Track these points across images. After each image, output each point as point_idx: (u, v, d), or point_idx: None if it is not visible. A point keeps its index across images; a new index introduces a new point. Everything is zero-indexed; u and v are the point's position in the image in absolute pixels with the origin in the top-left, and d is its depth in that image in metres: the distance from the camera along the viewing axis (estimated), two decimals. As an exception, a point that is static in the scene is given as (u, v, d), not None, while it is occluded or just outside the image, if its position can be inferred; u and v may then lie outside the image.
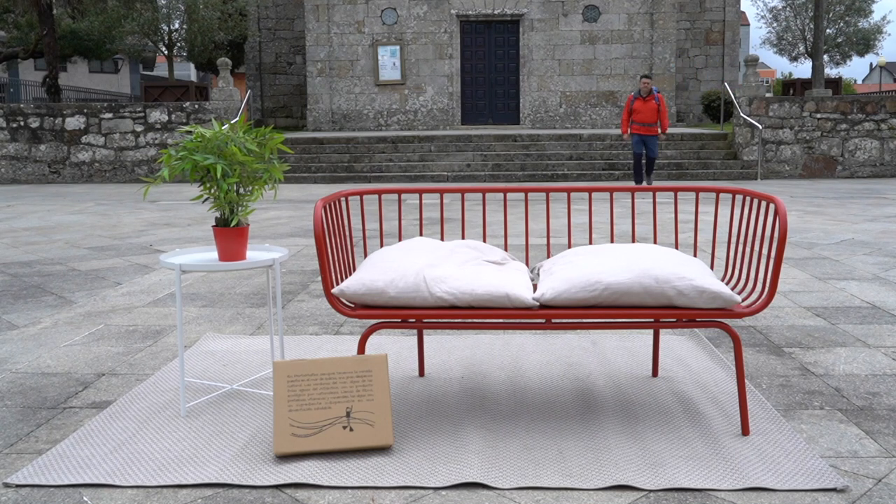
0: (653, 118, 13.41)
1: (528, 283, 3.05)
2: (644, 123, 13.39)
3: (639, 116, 13.42)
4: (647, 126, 13.42)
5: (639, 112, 13.40)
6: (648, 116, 13.37)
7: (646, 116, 13.36)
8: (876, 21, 33.74)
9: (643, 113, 13.37)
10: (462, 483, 2.57)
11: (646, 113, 13.33)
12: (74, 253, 7.54)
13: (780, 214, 2.95)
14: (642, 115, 13.38)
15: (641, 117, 13.40)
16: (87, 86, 38.22)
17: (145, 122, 17.26)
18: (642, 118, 13.40)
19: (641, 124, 13.44)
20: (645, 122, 13.40)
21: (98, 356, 4.13)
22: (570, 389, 3.49)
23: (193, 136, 3.14)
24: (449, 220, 9.93)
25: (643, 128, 13.46)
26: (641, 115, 13.39)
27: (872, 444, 2.88)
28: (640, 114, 13.40)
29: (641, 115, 13.39)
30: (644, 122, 13.38)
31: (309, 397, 2.84)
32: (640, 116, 13.42)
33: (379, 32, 21.75)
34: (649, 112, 13.35)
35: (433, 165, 16.62)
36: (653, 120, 13.41)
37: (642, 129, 13.48)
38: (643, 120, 13.41)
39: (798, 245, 7.63)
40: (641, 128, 13.48)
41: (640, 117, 13.41)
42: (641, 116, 13.40)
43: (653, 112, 13.37)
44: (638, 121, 13.42)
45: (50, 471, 2.72)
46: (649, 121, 13.40)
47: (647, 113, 13.34)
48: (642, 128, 13.47)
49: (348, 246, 3.48)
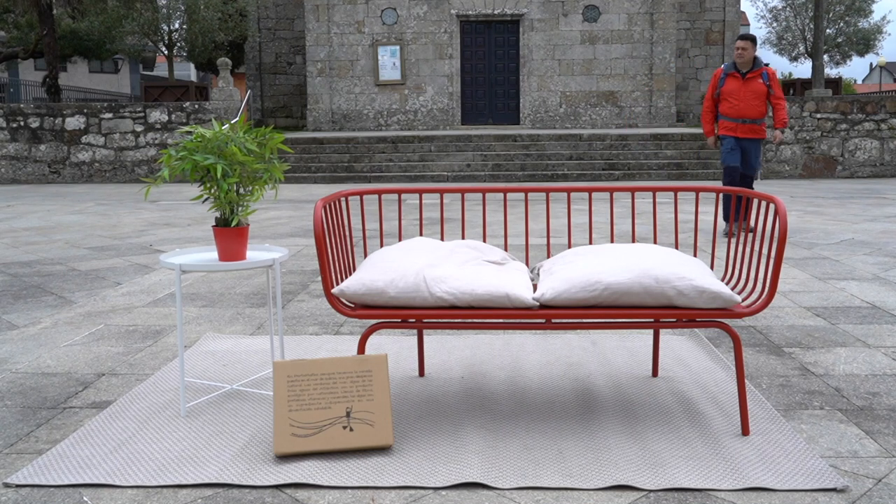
0: (757, 109, 7.99)
1: (528, 283, 3.05)
2: (742, 119, 7.99)
3: (732, 106, 8.00)
4: (749, 123, 8.01)
5: (733, 98, 7.99)
6: (750, 105, 7.97)
7: (745, 106, 7.96)
8: (876, 21, 33.73)
9: (740, 100, 7.96)
10: (462, 483, 2.57)
11: (745, 99, 7.96)
12: (74, 253, 7.54)
13: (780, 214, 2.95)
14: (739, 103, 7.97)
15: (736, 107, 7.98)
16: (87, 86, 38.22)
17: (145, 122, 17.26)
18: (738, 109, 7.97)
19: (737, 120, 8.00)
20: (744, 117, 7.97)
21: (98, 356, 4.13)
22: (570, 389, 3.49)
23: (193, 136, 3.14)
24: (449, 220, 9.93)
25: (741, 126, 8.02)
26: (737, 103, 7.97)
27: (872, 444, 2.88)
28: (734, 101, 7.99)
29: (737, 104, 7.97)
30: (742, 115, 7.98)
31: (309, 397, 2.84)
32: (733, 106, 7.99)
33: (379, 32, 21.75)
34: (751, 98, 7.96)
35: (433, 165, 16.62)
36: (757, 112, 7.99)
37: (739, 127, 8.02)
38: (741, 112, 7.97)
39: (798, 245, 7.63)
40: (738, 126, 8.02)
41: (735, 107, 7.99)
42: (737, 106, 7.97)
43: (758, 98, 7.98)
44: (731, 114, 8.01)
45: (50, 471, 2.72)
46: (751, 114, 7.97)
47: (748, 99, 7.96)
48: (739, 126, 8.02)
49: (348, 246, 3.48)
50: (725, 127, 8.08)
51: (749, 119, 7.97)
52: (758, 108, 7.96)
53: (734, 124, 8.01)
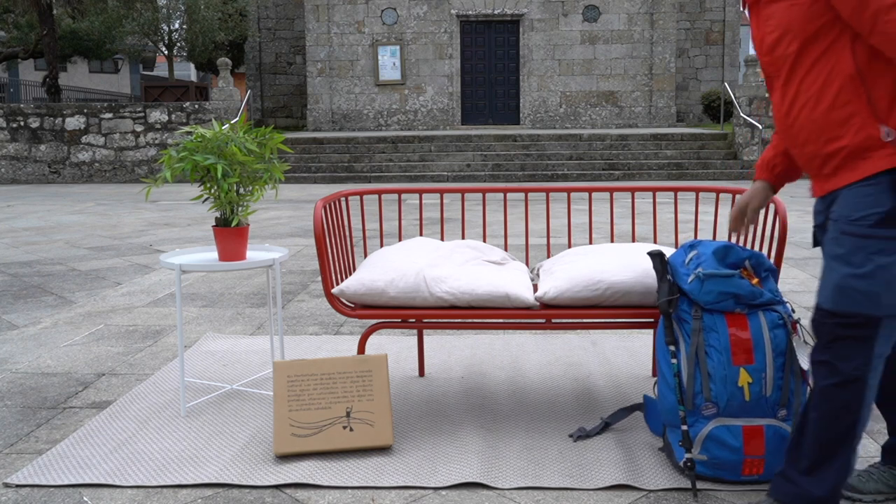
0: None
1: (529, 283, 3.05)
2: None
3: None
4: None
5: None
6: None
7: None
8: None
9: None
10: (462, 483, 2.57)
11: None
12: (74, 253, 7.54)
13: (781, 214, 2.95)
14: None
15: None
16: (87, 86, 38.23)
17: (145, 122, 17.26)
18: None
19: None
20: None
21: (98, 356, 4.12)
22: (570, 389, 3.49)
23: (194, 136, 3.14)
24: (449, 220, 9.93)
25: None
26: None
27: (872, 445, 2.88)
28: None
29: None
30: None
31: (309, 397, 2.84)
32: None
33: (379, 32, 21.75)
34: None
35: (433, 165, 16.62)
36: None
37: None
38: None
39: (798, 245, 7.62)
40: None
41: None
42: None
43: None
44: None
45: (50, 471, 2.72)
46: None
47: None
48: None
49: (348, 246, 3.48)
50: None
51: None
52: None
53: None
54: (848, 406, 2.10)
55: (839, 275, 2.08)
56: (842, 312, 2.08)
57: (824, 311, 2.12)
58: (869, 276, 2.03)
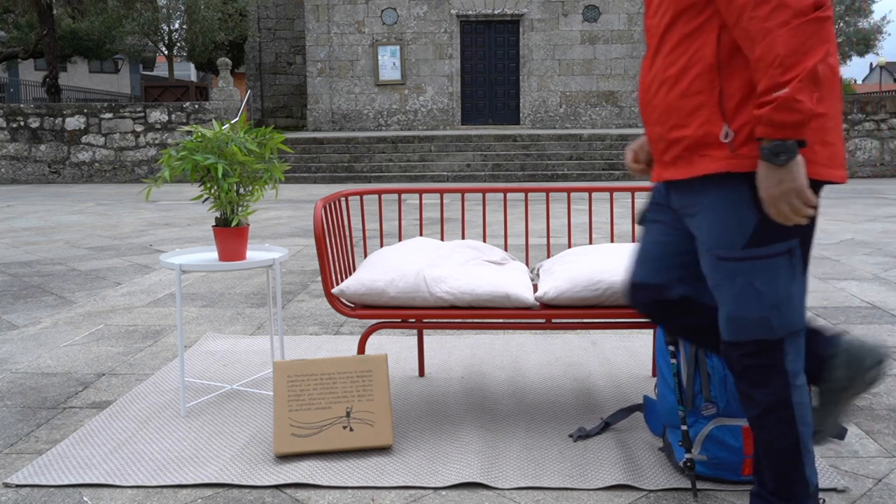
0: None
1: (529, 283, 3.05)
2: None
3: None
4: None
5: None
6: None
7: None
8: (876, 21, 33.74)
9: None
10: (462, 483, 2.57)
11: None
12: (74, 253, 7.54)
13: (781, 214, 2.94)
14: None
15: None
16: (87, 86, 38.23)
17: (145, 122, 17.26)
18: None
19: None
20: None
21: (98, 356, 4.13)
22: (570, 389, 3.49)
23: (194, 135, 3.14)
24: (449, 220, 9.93)
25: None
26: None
27: (872, 444, 2.88)
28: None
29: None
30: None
31: (309, 397, 2.84)
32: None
33: (379, 32, 21.75)
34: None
35: (433, 165, 16.62)
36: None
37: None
38: None
39: (798, 245, 7.62)
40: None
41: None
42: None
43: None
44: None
45: (50, 471, 2.71)
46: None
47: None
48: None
49: (348, 246, 3.48)
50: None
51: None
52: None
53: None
54: (782, 431, 2.04)
55: (727, 306, 2.02)
56: (741, 342, 2.01)
57: (727, 344, 2.05)
58: (753, 300, 1.96)
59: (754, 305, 1.96)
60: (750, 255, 1.93)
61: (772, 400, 2.02)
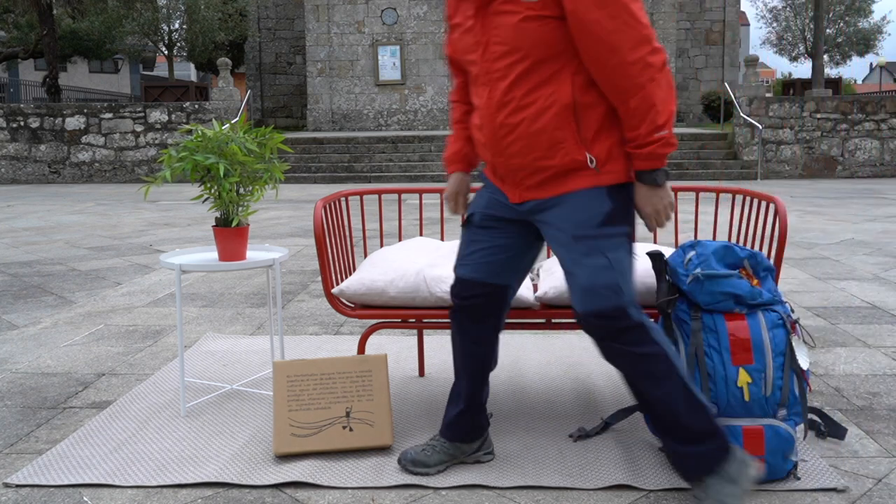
0: None
1: (529, 283, 3.05)
2: None
3: None
4: None
5: None
6: None
7: None
8: (876, 21, 33.75)
9: None
10: (462, 483, 2.57)
11: None
12: (74, 253, 7.55)
13: (781, 214, 2.95)
14: None
15: None
16: (87, 86, 38.25)
17: (145, 122, 17.26)
18: None
19: None
20: None
21: (98, 356, 4.13)
22: (570, 389, 3.49)
23: (194, 135, 3.14)
24: (449, 220, 9.93)
25: None
26: None
27: (872, 444, 2.88)
28: None
29: None
30: None
31: (309, 397, 2.84)
32: None
33: (379, 32, 21.75)
34: None
35: (433, 165, 16.62)
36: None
37: None
38: None
39: (798, 245, 7.63)
40: None
41: None
42: None
43: None
44: None
45: (50, 471, 2.72)
46: None
47: None
48: None
49: (348, 246, 3.49)
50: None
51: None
52: None
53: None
54: (659, 378, 2.27)
55: (581, 279, 2.25)
56: (595, 311, 2.24)
57: (583, 315, 2.26)
58: (607, 270, 2.23)
59: (607, 274, 2.23)
60: (604, 234, 2.24)
61: (642, 351, 2.26)
